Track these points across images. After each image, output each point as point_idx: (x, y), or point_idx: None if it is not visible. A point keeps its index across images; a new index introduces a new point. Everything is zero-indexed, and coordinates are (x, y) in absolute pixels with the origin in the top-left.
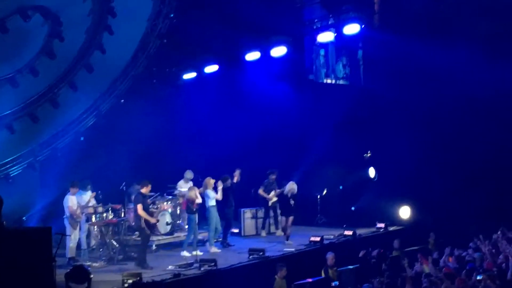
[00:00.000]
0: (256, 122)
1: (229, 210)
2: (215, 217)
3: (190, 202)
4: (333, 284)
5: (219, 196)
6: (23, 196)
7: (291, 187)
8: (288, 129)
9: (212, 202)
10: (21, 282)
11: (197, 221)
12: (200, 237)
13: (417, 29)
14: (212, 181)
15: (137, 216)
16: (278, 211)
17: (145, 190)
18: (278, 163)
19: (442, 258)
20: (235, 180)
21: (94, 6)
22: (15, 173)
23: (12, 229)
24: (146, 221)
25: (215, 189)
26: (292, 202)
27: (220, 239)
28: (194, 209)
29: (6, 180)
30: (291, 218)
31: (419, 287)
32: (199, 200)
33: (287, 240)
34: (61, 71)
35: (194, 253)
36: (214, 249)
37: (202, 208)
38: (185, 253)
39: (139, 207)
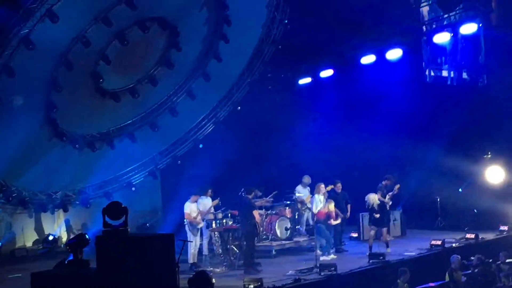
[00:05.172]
0: (373, 126)
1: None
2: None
3: (329, 215)
4: None
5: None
6: (146, 203)
7: (372, 199)
8: (406, 131)
9: (320, 208)
10: (146, 287)
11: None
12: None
13: None
14: (322, 186)
15: (251, 222)
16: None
17: (252, 196)
18: (396, 165)
19: None
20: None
21: (210, 16)
22: (137, 181)
23: (137, 236)
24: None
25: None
26: (377, 215)
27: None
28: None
29: (128, 188)
30: (384, 230)
31: None
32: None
33: (388, 247)
34: (179, 80)
35: (332, 256)
36: (330, 256)
37: None
38: (325, 258)
39: (256, 213)
